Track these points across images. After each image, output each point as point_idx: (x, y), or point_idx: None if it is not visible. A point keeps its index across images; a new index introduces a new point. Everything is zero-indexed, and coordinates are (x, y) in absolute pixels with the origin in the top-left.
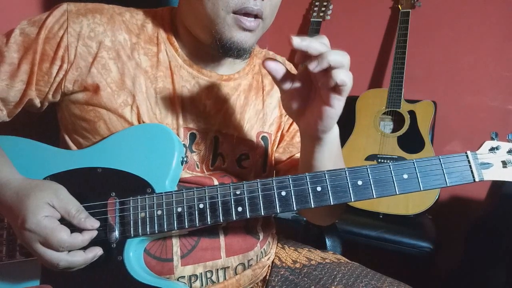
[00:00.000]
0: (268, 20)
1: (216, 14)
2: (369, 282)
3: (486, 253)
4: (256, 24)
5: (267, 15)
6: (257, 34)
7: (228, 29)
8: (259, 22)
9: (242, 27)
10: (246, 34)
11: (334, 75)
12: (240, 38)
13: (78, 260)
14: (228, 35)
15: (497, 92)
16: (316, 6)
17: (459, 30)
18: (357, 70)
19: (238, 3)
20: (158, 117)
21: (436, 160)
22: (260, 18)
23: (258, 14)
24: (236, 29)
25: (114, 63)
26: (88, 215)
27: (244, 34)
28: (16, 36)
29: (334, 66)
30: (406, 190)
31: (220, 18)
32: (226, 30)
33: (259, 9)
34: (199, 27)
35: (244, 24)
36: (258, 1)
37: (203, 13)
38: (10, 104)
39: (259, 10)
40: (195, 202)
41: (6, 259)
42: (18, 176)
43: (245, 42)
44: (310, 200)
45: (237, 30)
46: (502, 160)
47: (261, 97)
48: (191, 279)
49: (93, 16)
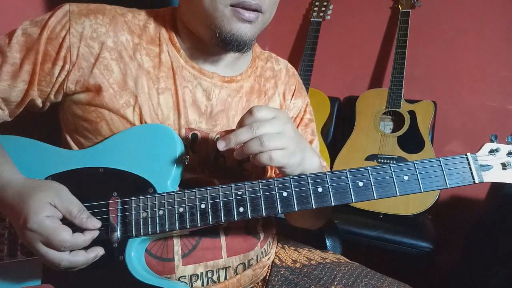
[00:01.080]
0: (268, 14)
1: (214, 8)
2: (369, 282)
3: (486, 253)
4: (255, 15)
5: (266, 9)
6: (257, 27)
7: (227, 22)
8: (258, 14)
9: (241, 18)
10: (245, 26)
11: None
12: (240, 30)
13: (80, 260)
14: (227, 28)
15: (497, 92)
16: (316, 6)
17: (459, 30)
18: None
19: None
20: (160, 118)
21: (436, 161)
22: (260, 12)
23: (257, 9)
24: (235, 21)
25: (116, 64)
26: (89, 215)
27: (244, 26)
28: (18, 36)
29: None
30: (406, 191)
31: (218, 11)
32: (225, 23)
33: (257, 4)
34: (199, 22)
35: (243, 15)
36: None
37: (202, 8)
38: (12, 104)
39: (257, 5)
40: (196, 202)
41: (7, 258)
42: (19, 176)
43: (245, 34)
44: (311, 200)
45: (236, 22)
46: (501, 162)
47: (263, 100)
48: (192, 279)
49: (95, 16)
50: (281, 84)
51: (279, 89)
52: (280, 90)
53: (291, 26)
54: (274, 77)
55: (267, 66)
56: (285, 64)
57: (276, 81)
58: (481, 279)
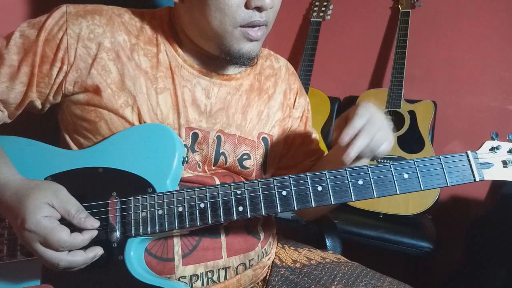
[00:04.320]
0: (270, 24)
1: (223, 30)
2: (369, 282)
3: (486, 253)
4: (262, 32)
5: (270, 21)
6: (262, 40)
7: (236, 42)
8: (263, 29)
9: (249, 39)
10: (253, 44)
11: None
12: (249, 49)
13: (79, 260)
14: (236, 48)
15: (497, 92)
16: (316, 6)
17: (459, 30)
18: (357, 70)
19: (245, 18)
20: (160, 118)
21: (436, 159)
22: (265, 25)
23: (264, 24)
24: (244, 41)
25: (114, 64)
26: (88, 215)
27: (252, 45)
28: (16, 38)
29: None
30: (406, 189)
31: (227, 32)
32: (234, 43)
33: (265, 20)
34: (205, 40)
35: (251, 36)
36: (264, 12)
37: (209, 28)
38: (11, 106)
39: (265, 21)
40: (196, 202)
41: (7, 258)
42: (17, 176)
43: (253, 51)
44: (311, 199)
45: (245, 42)
46: (502, 160)
47: (263, 98)
48: (192, 279)
49: (92, 17)
50: (281, 83)
51: (280, 87)
52: (280, 89)
53: (291, 26)
54: (274, 75)
55: (267, 64)
56: (284, 63)
57: (276, 80)
58: (481, 279)
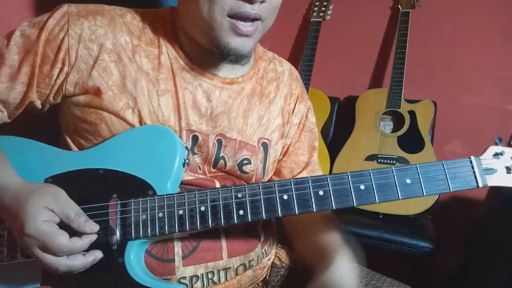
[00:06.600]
0: (268, 21)
1: (212, 19)
2: (369, 282)
3: (486, 253)
4: (254, 28)
5: (266, 16)
6: (256, 37)
7: (225, 35)
8: (257, 25)
9: (238, 32)
10: (243, 40)
11: None
12: (237, 45)
13: (78, 264)
14: (225, 41)
15: (497, 92)
16: (316, 6)
17: (459, 30)
18: (357, 70)
19: (233, 7)
20: (161, 120)
21: (439, 165)
22: (260, 20)
23: (256, 18)
24: (232, 35)
25: (115, 66)
26: (87, 219)
27: (241, 40)
28: (17, 38)
29: None
30: (409, 195)
31: (216, 22)
32: (223, 35)
33: (256, 13)
34: (197, 31)
35: (240, 29)
36: (256, 5)
37: (200, 17)
38: (11, 106)
39: (256, 14)
40: (196, 205)
41: (7, 260)
42: (17, 179)
43: (243, 47)
44: (312, 204)
45: (234, 36)
46: (506, 166)
47: (264, 103)
48: (193, 280)
49: (94, 18)
50: (283, 87)
51: (281, 92)
52: (282, 93)
53: (291, 26)
54: (276, 79)
55: (270, 67)
56: (288, 66)
57: (278, 84)
58: (481, 279)
